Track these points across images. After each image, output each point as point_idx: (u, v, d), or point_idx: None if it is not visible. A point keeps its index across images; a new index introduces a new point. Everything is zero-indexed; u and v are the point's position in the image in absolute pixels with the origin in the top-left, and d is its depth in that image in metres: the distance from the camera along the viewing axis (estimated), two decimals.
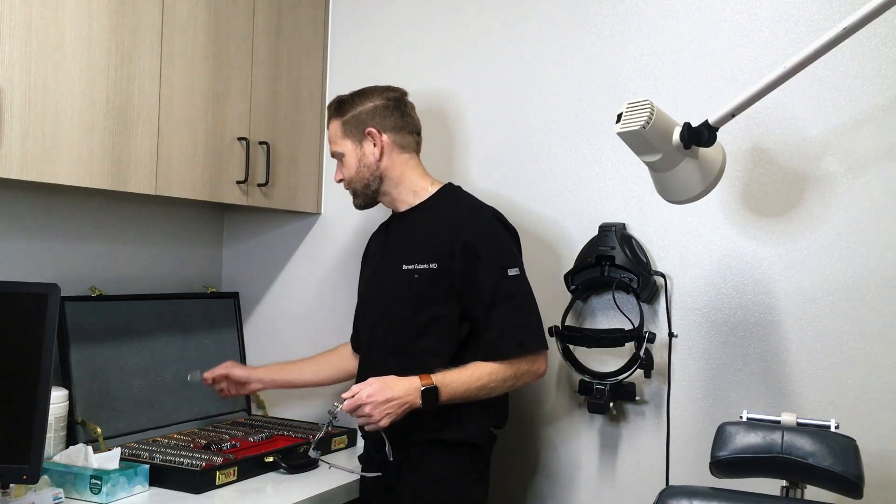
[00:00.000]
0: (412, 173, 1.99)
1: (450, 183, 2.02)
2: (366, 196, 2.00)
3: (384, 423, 1.75)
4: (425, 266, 1.87)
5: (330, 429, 1.93)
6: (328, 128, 2.03)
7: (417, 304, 1.87)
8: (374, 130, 1.95)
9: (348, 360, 2.21)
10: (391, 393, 1.75)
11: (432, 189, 1.98)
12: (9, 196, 2.01)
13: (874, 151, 1.90)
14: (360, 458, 2.02)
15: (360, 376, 1.93)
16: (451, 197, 1.99)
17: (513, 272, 1.87)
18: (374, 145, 1.95)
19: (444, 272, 1.86)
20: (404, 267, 1.90)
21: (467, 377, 1.81)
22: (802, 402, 1.94)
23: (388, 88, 2.01)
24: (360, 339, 2.09)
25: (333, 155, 2.02)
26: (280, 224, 2.60)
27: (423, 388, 1.76)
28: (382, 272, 1.99)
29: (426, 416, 1.81)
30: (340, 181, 2.02)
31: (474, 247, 1.85)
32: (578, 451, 2.18)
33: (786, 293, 1.97)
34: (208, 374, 2.24)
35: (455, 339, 1.87)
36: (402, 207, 2.00)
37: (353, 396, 1.76)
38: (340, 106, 2.00)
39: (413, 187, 1.98)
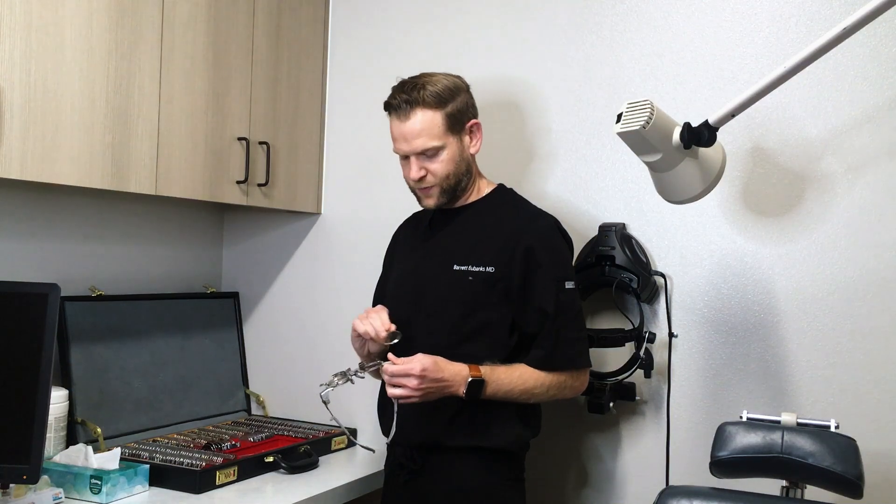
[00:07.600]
0: (477, 169, 1.90)
1: (502, 184, 1.93)
2: (453, 193, 1.84)
3: (417, 399, 1.67)
4: (481, 269, 1.78)
5: (345, 381, 1.76)
6: (413, 119, 1.77)
7: (468, 308, 1.78)
8: (478, 122, 1.85)
9: None
10: (442, 374, 1.68)
11: (488, 188, 1.90)
12: (9, 196, 2.01)
13: (874, 151, 1.90)
14: (387, 463, 1.92)
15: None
16: (509, 199, 1.90)
17: (569, 285, 1.80)
18: (473, 139, 1.85)
19: (501, 277, 1.77)
20: (456, 267, 1.80)
21: (515, 378, 1.74)
22: (802, 402, 1.94)
23: (459, 77, 1.87)
24: None
25: (423, 152, 1.78)
26: (280, 224, 2.60)
27: (470, 379, 1.69)
28: (427, 271, 1.86)
29: (463, 422, 1.76)
30: (422, 178, 1.80)
31: (535, 254, 1.77)
32: (578, 451, 2.18)
33: (786, 293, 1.97)
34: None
35: (505, 347, 1.78)
36: (458, 204, 1.88)
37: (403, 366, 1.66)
38: (439, 97, 1.78)
39: (479, 184, 1.89)
